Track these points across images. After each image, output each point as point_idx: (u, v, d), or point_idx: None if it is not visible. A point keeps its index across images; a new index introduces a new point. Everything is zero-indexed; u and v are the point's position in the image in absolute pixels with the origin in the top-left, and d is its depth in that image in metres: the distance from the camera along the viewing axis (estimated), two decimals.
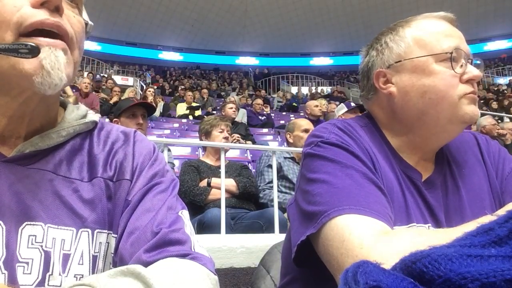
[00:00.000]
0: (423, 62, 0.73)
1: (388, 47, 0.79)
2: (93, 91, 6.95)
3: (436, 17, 0.78)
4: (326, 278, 0.62)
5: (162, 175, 0.66)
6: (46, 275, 0.53)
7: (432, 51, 0.73)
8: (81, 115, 0.67)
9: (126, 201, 0.62)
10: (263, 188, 2.70)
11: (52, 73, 0.52)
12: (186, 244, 0.57)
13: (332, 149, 0.70)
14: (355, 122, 0.79)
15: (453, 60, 0.72)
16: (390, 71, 0.77)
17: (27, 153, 0.59)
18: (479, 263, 0.25)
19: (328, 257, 0.60)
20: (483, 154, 0.82)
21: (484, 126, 4.74)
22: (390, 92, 0.77)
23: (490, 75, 16.69)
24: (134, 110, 2.57)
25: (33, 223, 0.55)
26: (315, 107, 5.08)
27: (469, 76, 0.72)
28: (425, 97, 0.73)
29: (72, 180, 0.60)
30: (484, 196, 0.76)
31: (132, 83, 13.71)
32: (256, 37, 21.98)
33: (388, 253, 0.50)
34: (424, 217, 0.71)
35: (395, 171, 0.73)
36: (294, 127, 3.06)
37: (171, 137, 5.08)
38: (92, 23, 0.68)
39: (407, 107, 0.75)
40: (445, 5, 18.06)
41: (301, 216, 0.68)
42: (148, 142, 0.71)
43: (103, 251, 0.59)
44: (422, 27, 0.77)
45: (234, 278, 1.87)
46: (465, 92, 0.72)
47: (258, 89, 13.25)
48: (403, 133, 0.77)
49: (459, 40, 0.75)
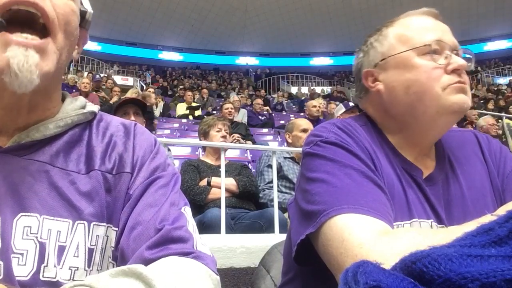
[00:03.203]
0: (405, 57, 0.74)
1: (373, 47, 0.81)
2: (93, 91, 6.95)
3: (419, 13, 0.79)
4: (327, 277, 0.62)
5: (164, 169, 0.65)
6: (41, 266, 0.53)
7: (414, 45, 0.74)
8: (80, 106, 0.67)
9: (127, 194, 0.61)
10: (263, 188, 2.70)
11: (19, 75, 0.51)
12: (188, 242, 0.57)
13: (331, 148, 0.70)
14: (355, 122, 0.79)
15: (436, 52, 0.73)
16: (377, 69, 0.79)
17: (23, 143, 0.58)
18: (479, 263, 0.25)
19: (328, 256, 0.60)
20: (484, 153, 0.82)
21: (481, 126, 4.78)
22: (378, 90, 0.79)
23: (490, 75, 16.69)
24: (126, 108, 2.54)
25: (28, 214, 0.54)
26: (313, 107, 5.09)
27: (453, 66, 0.72)
28: (409, 92, 0.73)
29: (69, 172, 0.60)
30: (486, 193, 0.76)
31: (132, 83, 13.71)
32: (256, 37, 21.98)
33: (388, 253, 0.50)
34: (426, 212, 0.71)
35: (395, 168, 0.74)
36: (293, 127, 3.06)
37: (171, 137, 5.08)
38: (91, 11, 0.68)
39: (395, 103, 0.76)
40: (445, 5, 18.07)
41: (301, 215, 0.68)
42: (149, 134, 0.70)
43: (100, 244, 0.58)
44: (404, 24, 0.78)
45: (234, 278, 1.87)
46: (449, 83, 0.71)
47: (258, 89, 13.26)
48: (398, 129, 0.78)
49: (441, 32, 0.75)
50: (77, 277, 0.55)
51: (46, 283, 0.52)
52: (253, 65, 21.95)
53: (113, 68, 16.60)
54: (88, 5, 0.68)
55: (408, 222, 0.68)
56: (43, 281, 0.52)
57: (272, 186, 2.50)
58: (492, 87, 14.34)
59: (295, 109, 10.27)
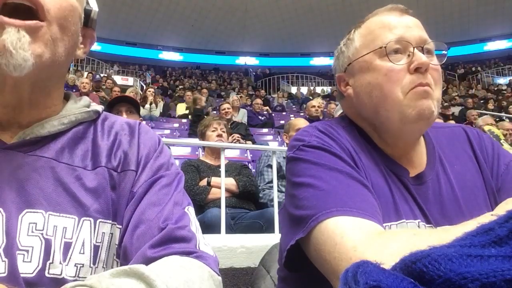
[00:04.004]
0: (367, 61, 0.73)
1: (342, 51, 0.81)
2: (93, 91, 6.95)
3: (385, 11, 0.76)
4: (319, 281, 0.61)
5: (167, 168, 0.66)
6: (46, 263, 0.53)
7: (374, 48, 0.72)
8: (84, 105, 0.67)
9: (131, 192, 0.61)
10: (263, 188, 2.70)
11: (14, 53, 0.52)
12: (191, 242, 0.57)
13: (314, 152, 0.69)
14: (338, 123, 0.79)
15: (398, 51, 0.70)
16: (346, 74, 0.79)
17: (27, 140, 0.58)
18: (479, 263, 0.25)
19: (321, 261, 0.59)
20: (474, 150, 0.80)
21: (480, 127, 4.81)
22: (349, 94, 0.78)
23: (490, 75, 16.69)
24: (118, 107, 2.51)
25: (33, 210, 0.54)
26: (312, 107, 5.11)
27: (414, 65, 0.68)
28: (372, 96, 0.72)
29: (75, 168, 0.60)
30: (478, 193, 0.74)
31: (132, 83, 13.72)
32: (256, 37, 21.97)
33: (383, 254, 0.49)
34: (413, 212, 0.69)
35: (380, 168, 0.72)
36: (289, 128, 3.07)
37: (171, 137, 5.08)
38: (97, 9, 0.68)
39: (363, 107, 0.76)
40: (445, 5, 18.08)
41: (290, 221, 0.67)
42: (153, 133, 0.71)
43: (106, 241, 0.58)
44: (368, 25, 0.76)
45: (234, 278, 1.87)
46: (410, 87, 0.68)
47: (258, 89, 13.25)
48: (374, 130, 0.77)
49: (404, 29, 0.71)
50: (82, 274, 0.55)
51: (52, 279, 0.52)
52: (253, 65, 21.94)
53: (113, 68, 16.60)
54: (95, 4, 0.68)
55: (395, 223, 0.67)
56: (49, 278, 0.52)
57: (272, 186, 2.50)
58: (492, 87, 14.34)
59: (295, 109, 10.29)
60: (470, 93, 12.84)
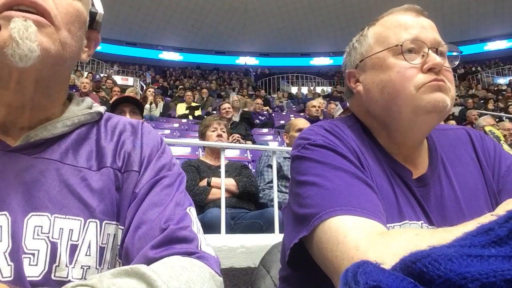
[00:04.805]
0: (381, 58, 0.74)
1: (354, 47, 0.81)
2: (93, 91, 6.94)
3: (401, 10, 0.77)
4: (322, 280, 0.62)
5: (169, 168, 0.66)
6: (52, 266, 0.53)
7: (388, 45, 0.73)
8: (86, 106, 0.67)
9: (134, 193, 0.61)
10: (263, 188, 2.70)
11: (20, 43, 0.52)
12: (193, 242, 0.57)
13: (319, 151, 0.69)
14: (343, 123, 0.79)
15: (412, 51, 0.71)
16: (357, 70, 0.79)
17: (31, 142, 0.58)
18: (479, 263, 0.25)
19: (324, 260, 0.59)
20: (477, 152, 0.80)
21: (481, 127, 4.81)
22: (358, 91, 0.78)
23: (490, 75, 16.69)
24: (122, 107, 2.52)
25: (39, 213, 0.54)
26: (312, 107, 5.11)
27: (428, 65, 0.70)
28: (384, 93, 0.73)
29: (80, 169, 0.60)
30: (479, 194, 0.75)
31: (132, 83, 13.70)
32: (256, 37, 21.96)
33: (385, 254, 0.49)
34: (416, 214, 0.70)
35: (384, 169, 0.73)
36: (289, 128, 3.06)
37: (171, 137, 5.07)
38: (102, 12, 0.68)
39: (373, 104, 0.76)
40: (445, 5, 18.08)
41: (294, 219, 0.67)
42: (155, 134, 0.71)
43: (111, 243, 0.58)
44: (383, 23, 0.77)
45: (234, 278, 1.87)
46: (423, 82, 0.69)
47: (258, 89, 13.25)
48: (381, 130, 0.77)
49: (419, 30, 0.72)
50: (88, 276, 0.55)
51: (58, 282, 0.52)
52: (253, 65, 21.94)
53: (113, 68, 16.59)
54: (100, 6, 0.68)
55: (399, 224, 0.67)
56: (55, 281, 0.52)
57: (272, 186, 2.50)
58: (492, 87, 14.34)
59: (295, 109, 10.29)
60: (470, 93, 12.84)
